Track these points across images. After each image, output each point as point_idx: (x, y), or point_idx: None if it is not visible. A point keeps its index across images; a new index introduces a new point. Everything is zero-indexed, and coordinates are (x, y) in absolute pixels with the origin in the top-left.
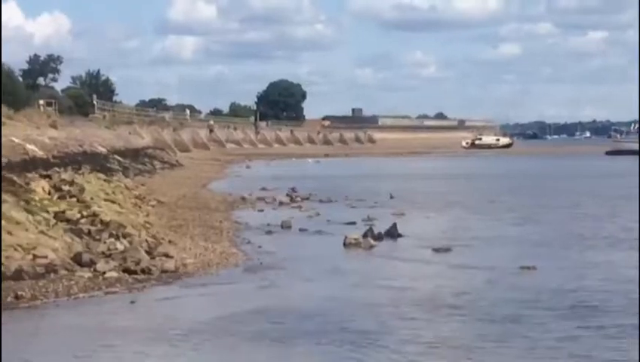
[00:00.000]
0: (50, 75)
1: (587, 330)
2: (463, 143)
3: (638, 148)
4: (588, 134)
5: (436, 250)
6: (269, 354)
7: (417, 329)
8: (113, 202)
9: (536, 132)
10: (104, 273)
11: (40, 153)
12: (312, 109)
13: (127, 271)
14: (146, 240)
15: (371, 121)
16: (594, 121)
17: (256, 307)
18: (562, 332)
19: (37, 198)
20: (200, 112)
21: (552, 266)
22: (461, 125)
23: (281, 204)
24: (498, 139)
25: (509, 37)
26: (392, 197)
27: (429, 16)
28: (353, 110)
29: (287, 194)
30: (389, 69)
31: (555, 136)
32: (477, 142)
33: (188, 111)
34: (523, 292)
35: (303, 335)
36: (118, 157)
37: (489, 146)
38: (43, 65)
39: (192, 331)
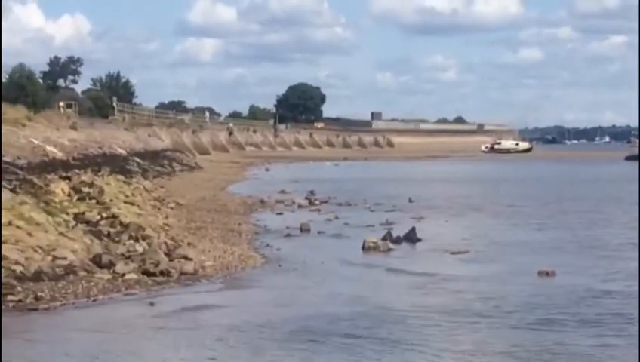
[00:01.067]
0: (71, 77)
1: (618, 338)
2: (482, 147)
3: None
4: (607, 139)
5: (455, 254)
6: (291, 356)
7: (450, 335)
8: (132, 204)
9: (555, 136)
10: (123, 275)
11: (60, 155)
12: (331, 113)
13: (146, 273)
14: (165, 243)
15: (364, 125)
16: (613, 126)
17: (275, 309)
18: (594, 339)
19: (57, 200)
20: (219, 115)
21: (571, 271)
22: (480, 129)
23: (299, 206)
24: (517, 144)
25: (529, 41)
26: (410, 201)
27: (450, 20)
28: (372, 114)
29: (306, 198)
30: (409, 73)
31: (575, 141)
32: (496, 146)
33: (207, 114)
34: (545, 298)
35: (325, 339)
36: (138, 160)
37: (508, 151)
38: (63, 67)
39: (212, 333)
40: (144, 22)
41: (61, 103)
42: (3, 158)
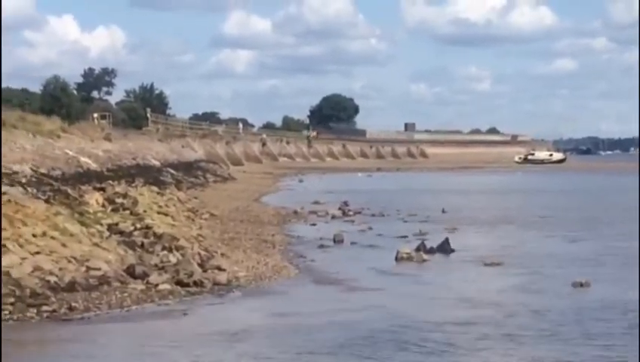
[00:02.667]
0: (105, 89)
1: None
2: (516, 158)
3: None
4: None
5: (488, 266)
6: None
7: (500, 349)
8: (166, 215)
9: (589, 147)
10: (157, 285)
11: (94, 166)
12: (365, 124)
13: (179, 283)
14: (199, 253)
15: (359, 134)
16: None
17: (309, 321)
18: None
19: (91, 211)
20: (253, 126)
21: (606, 282)
22: (514, 140)
23: (333, 217)
24: (551, 155)
25: (563, 52)
26: (444, 211)
27: (484, 31)
28: (406, 125)
29: (340, 208)
30: (443, 84)
31: (609, 152)
32: (530, 157)
33: (241, 125)
34: (584, 310)
35: (363, 353)
36: (171, 170)
37: (542, 162)
38: (97, 79)
39: (245, 344)
40: (179, 34)
41: (95, 115)
42: (38, 170)
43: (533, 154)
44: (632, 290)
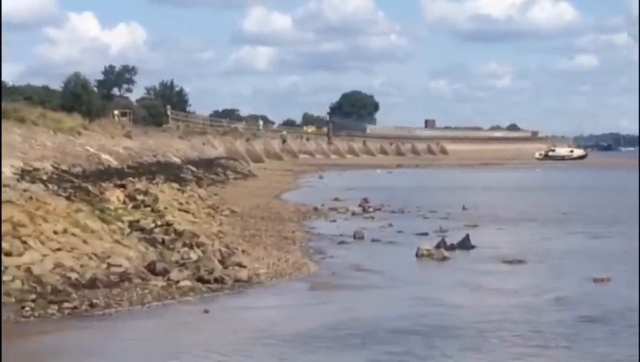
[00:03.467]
0: (125, 86)
1: None
2: (536, 155)
3: None
4: None
5: (509, 263)
6: None
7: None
8: (187, 212)
9: (610, 143)
10: (178, 282)
11: (115, 163)
12: (385, 121)
13: (200, 280)
14: (219, 250)
15: (357, 128)
16: None
17: (329, 318)
18: None
19: (112, 207)
20: (273, 123)
21: (625, 279)
22: (534, 136)
23: (353, 214)
24: (572, 151)
25: (585, 48)
26: (464, 208)
27: (505, 27)
28: (426, 121)
29: (360, 205)
30: (463, 80)
31: (630, 148)
32: (550, 153)
33: (261, 122)
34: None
35: (384, 351)
36: (192, 167)
37: (562, 158)
38: (118, 76)
39: (266, 341)
40: (200, 31)
41: (116, 112)
42: (60, 166)
43: (554, 151)
44: None
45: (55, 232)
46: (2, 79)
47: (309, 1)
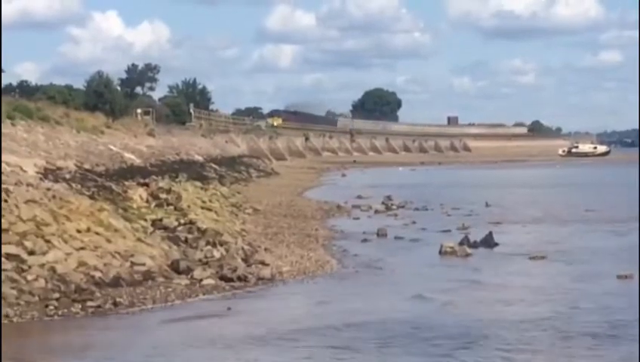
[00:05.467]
0: (148, 84)
1: None
2: (560, 151)
3: None
4: None
5: (533, 259)
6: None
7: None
8: (210, 210)
9: (634, 140)
10: (201, 280)
11: (137, 161)
12: (407, 117)
13: (223, 278)
14: (243, 248)
15: (327, 122)
16: None
17: (352, 315)
18: None
19: (135, 206)
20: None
21: None
22: (558, 133)
23: (376, 212)
24: (595, 147)
25: (609, 44)
26: (487, 205)
27: (530, 23)
28: (449, 118)
29: (383, 203)
30: (487, 77)
31: None
32: (574, 150)
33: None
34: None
35: (408, 349)
36: (215, 166)
37: (586, 155)
38: (141, 75)
39: (290, 338)
40: (223, 29)
41: (139, 110)
42: (83, 165)
43: (577, 147)
44: None
45: (78, 231)
46: (25, 78)
47: None
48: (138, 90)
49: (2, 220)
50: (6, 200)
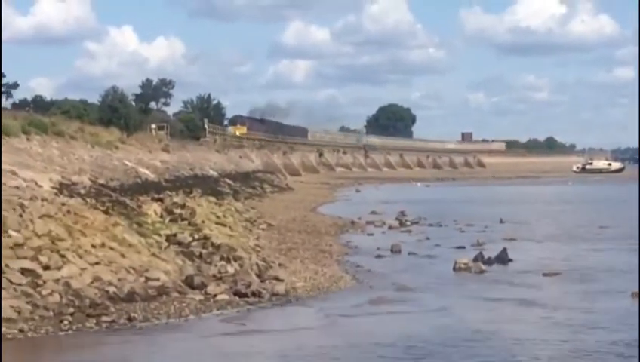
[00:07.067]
0: (162, 100)
1: None
2: (574, 168)
3: None
4: None
5: (547, 276)
6: None
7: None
8: (224, 225)
9: None
10: (215, 295)
11: (152, 176)
12: (422, 133)
13: (237, 293)
14: (257, 264)
15: (298, 133)
16: None
17: (368, 333)
18: None
19: (149, 221)
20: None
21: None
22: (572, 149)
23: (390, 227)
24: (609, 164)
25: (624, 60)
26: (501, 221)
27: (545, 39)
28: (463, 134)
29: (397, 218)
30: (501, 93)
31: None
32: (588, 166)
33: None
34: None
35: None
36: (229, 181)
37: (600, 171)
38: (155, 90)
39: (306, 355)
40: (238, 45)
41: (153, 125)
42: (97, 180)
43: (591, 164)
44: None
45: (93, 246)
46: (40, 93)
47: (348, 14)
48: (152, 105)
49: (18, 235)
50: (21, 215)
